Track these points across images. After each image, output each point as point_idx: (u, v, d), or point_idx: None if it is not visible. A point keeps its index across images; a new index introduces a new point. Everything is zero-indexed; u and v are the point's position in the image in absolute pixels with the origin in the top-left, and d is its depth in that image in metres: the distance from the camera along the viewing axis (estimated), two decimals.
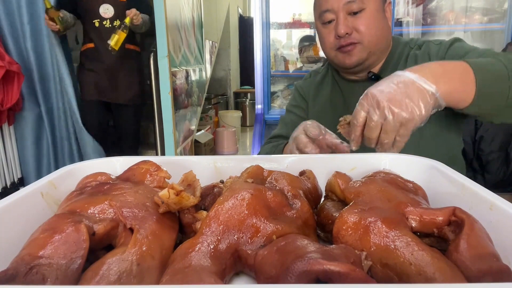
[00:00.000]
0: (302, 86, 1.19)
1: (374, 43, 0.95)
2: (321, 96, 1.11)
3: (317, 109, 1.10)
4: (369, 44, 0.94)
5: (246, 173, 0.51)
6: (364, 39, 0.93)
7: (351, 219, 0.41)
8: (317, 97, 1.12)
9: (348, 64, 0.97)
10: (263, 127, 2.80)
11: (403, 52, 1.01)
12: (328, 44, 0.99)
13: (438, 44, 0.98)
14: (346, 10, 0.93)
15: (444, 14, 2.89)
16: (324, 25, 0.97)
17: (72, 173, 0.56)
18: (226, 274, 0.39)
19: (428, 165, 0.57)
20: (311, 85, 1.16)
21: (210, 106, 5.09)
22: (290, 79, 3.28)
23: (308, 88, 1.16)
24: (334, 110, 1.06)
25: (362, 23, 0.93)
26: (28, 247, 0.36)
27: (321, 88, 1.13)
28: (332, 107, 1.07)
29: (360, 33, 0.93)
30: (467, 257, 0.35)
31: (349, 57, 0.96)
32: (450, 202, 0.45)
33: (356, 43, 0.94)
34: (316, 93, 1.13)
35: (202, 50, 3.43)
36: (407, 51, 1.01)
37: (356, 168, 0.60)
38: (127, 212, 0.41)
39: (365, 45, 0.94)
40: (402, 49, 1.02)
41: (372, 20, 0.93)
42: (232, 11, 5.92)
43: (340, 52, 0.96)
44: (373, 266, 0.37)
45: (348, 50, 0.95)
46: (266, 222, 0.41)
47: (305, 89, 1.17)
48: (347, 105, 1.05)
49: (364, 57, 0.95)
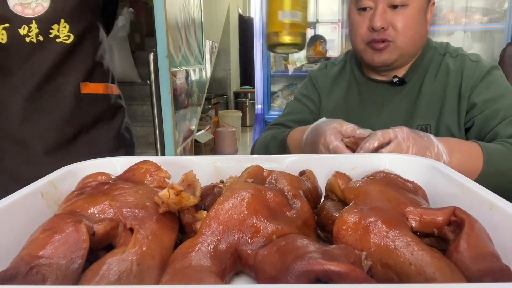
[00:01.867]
0: (316, 76, 1.10)
1: (407, 45, 0.89)
2: (336, 93, 1.05)
3: (331, 106, 1.04)
4: (402, 45, 0.89)
5: (246, 173, 0.51)
6: (399, 38, 0.87)
7: (351, 219, 0.41)
8: (332, 93, 1.05)
9: (376, 62, 0.91)
10: (263, 127, 2.80)
11: (432, 58, 0.96)
12: (359, 35, 0.92)
13: (475, 61, 0.92)
14: (387, 1, 0.86)
15: (444, 14, 2.89)
16: (359, 11, 0.90)
17: (72, 173, 0.55)
18: (226, 274, 0.39)
19: (428, 165, 0.57)
20: (326, 77, 1.08)
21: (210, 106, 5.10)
22: (290, 79, 3.28)
23: (323, 80, 1.08)
24: (348, 110, 1.00)
25: (401, 19, 0.86)
26: (28, 247, 0.36)
27: (337, 83, 1.06)
28: (346, 106, 1.01)
29: (396, 30, 0.87)
30: (467, 257, 0.35)
31: (379, 55, 0.90)
32: (450, 202, 0.45)
33: (389, 41, 0.88)
34: (331, 88, 1.06)
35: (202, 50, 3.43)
36: (438, 58, 0.96)
37: (356, 168, 0.60)
38: (127, 212, 0.41)
39: (398, 45, 0.88)
40: (432, 55, 0.96)
41: (412, 20, 0.87)
42: (232, 11, 5.92)
43: (370, 47, 0.91)
44: (373, 266, 0.37)
45: (380, 48, 0.89)
46: (266, 222, 0.41)
47: (319, 80, 1.09)
48: (363, 106, 0.99)
49: (393, 58, 0.90)
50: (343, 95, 1.03)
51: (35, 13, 0.95)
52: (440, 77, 0.93)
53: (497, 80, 0.90)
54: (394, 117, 0.95)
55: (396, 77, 0.95)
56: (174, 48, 2.42)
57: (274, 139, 0.97)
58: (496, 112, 0.84)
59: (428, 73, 0.94)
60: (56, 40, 0.97)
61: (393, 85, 0.96)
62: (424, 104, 0.92)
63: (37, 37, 0.95)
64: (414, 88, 0.95)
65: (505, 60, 2.11)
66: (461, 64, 0.93)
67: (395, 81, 0.95)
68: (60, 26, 0.97)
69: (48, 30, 0.95)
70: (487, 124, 0.85)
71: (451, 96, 0.91)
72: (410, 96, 0.95)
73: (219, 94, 5.87)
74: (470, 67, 0.91)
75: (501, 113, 0.84)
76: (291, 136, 0.91)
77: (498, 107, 0.85)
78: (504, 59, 2.13)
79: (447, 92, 0.91)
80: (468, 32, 2.93)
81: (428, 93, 0.93)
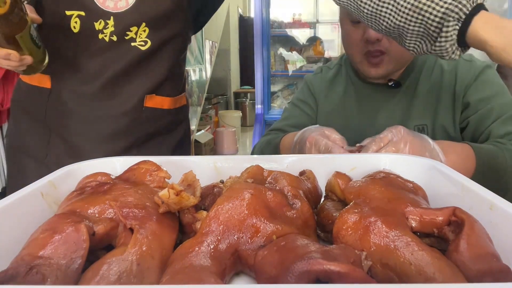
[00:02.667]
0: (312, 81, 1.11)
1: (402, 55, 0.90)
2: (333, 96, 1.05)
3: (328, 110, 1.04)
4: (397, 55, 0.89)
5: (246, 173, 0.51)
6: (393, 49, 0.88)
7: (351, 219, 0.41)
8: (328, 97, 1.06)
9: (373, 75, 0.92)
10: (263, 127, 2.80)
11: (426, 60, 0.96)
12: (354, 46, 0.92)
13: (468, 61, 0.93)
14: None
15: None
16: (354, 23, 0.90)
17: (72, 173, 0.55)
18: (226, 274, 0.39)
19: (428, 165, 0.57)
20: (322, 81, 1.08)
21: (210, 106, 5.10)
22: (290, 79, 3.28)
23: (318, 84, 1.09)
24: (346, 114, 1.01)
25: None
26: (28, 247, 0.36)
27: (333, 87, 1.06)
28: (344, 110, 1.02)
29: (391, 42, 0.87)
30: (467, 257, 0.35)
31: (376, 68, 0.91)
32: (450, 202, 0.45)
33: (383, 54, 0.89)
34: (327, 92, 1.06)
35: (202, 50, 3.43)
36: (431, 59, 0.96)
37: (356, 168, 0.60)
38: (127, 212, 0.41)
39: (393, 56, 0.89)
40: (426, 57, 0.96)
41: None
42: (232, 11, 5.92)
43: (366, 60, 0.91)
44: (373, 266, 0.37)
45: (376, 62, 0.90)
46: (266, 222, 0.41)
47: (315, 85, 1.09)
48: (360, 109, 0.99)
49: (390, 68, 0.91)
50: (340, 98, 1.03)
51: (116, 8, 0.84)
52: (435, 77, 0.94)
53: (490, 79, 0.90)
54: (391, 118, 0.95)
55: (392, 80, 0.96)
56: None
57: (269, 144, 0.98)
58: (490, 112, 0.85)
59: (423, 74, 0.95)
60: (131, 44, 0.86)
61: (389, 87, 0.96)
62: (420, 104, 0.93)
63: (110, 36, 0.84)
64: (409, 89, 0.96)
65: None
66: (455, 64, 0.94)
67: (391, 84, 0.96)
68: (140, 30, 0.85)
69: (125, 31, 0.85)
70: (482, 123, 0.86)
71: (445, 96, 0.92)
72: (406, 97, 0.95)
73: (219, 94, 5.87)
74: (464, 67, 0.92)
75: (494, 113, 0.85)
76: (283, 141, 0.93)
77: (491, 106, 0.85)
78: None
79: (441, 92, 0.92)
80: None
81: (423, 94, 0.94)
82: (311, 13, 3.31)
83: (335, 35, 3.21)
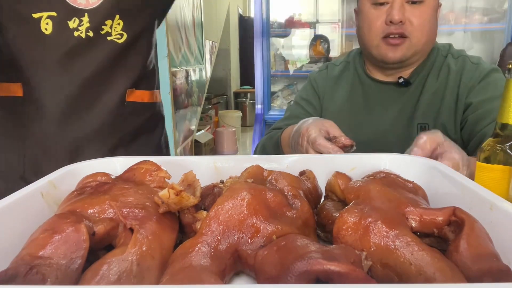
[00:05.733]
0: (316, 78, 1.09)
1: (421, 43, 0.90)
2: (339, 94, 1.04)
3: (334, 107, 1.03)
4: (417, 42, 0.89)
5: (246, 173, 0.51)
6: (414, 34, 0.88)
7: (351, 219, 0.41)
8: (334, 95, 1.04)
9: (390, 57, 0.91)
10: (263, 127, 2.80)
11: (435, 60, 0.97)
12: (374, 29, 0.91)
13: (475, 64, 0.93)
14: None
15: (444, 14, 2.89)
16: (375, 6, 0.90)
17: (72, 173, 0.55)
18: (226, 274, 0.39)
19: (428, 165, 0.57)
20: (327, 79, 1.07)
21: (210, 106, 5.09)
22: (290, 79, 3.28)
23: (323, 82, 1.07)
24: (353, 112, 1.00)
25: (418, 15, 0.87)
26: (28, 247, 0.36)
27: (338, 85, 1.04)
28: (351, 109, 1.01)
29: (413, 25, 0.87)
30: (467, 257, 0.35)
31: (394, 51, 0.90)
32: (450, 202, 0.45)
33: (405, 37, 0.88)
34: (332, 90, 1.05)
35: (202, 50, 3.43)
36: (440, 59, 0.96)
37: (356, 168, 0.60)
38: (127, 212, 0.41)
39: (413, 42, 0.89)
40: (435, 57, 0.97)
41: (428, 16, 0.89)
42: (232, 11, 5.92)
43: (385, 43, 0.90)
44: (373, 266, 0.37)
45: (396, 43, 0.89)
46: (266, 222, 0.41)
47: (319, 83, 1.07)
48: (367, 107, 0.98)
49: (408, 55, 0.90)
50: (346, 96, 1.02)
51: (89, 4, 0.82)
52: (442, 77, 0.94)
53: (495, 82, 0.90)
54: (398, 117, 0.95)
55: (402, 77, 0.95)
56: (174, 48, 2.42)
57: (270, 139, 0.98)
58: (489, 113, 0.84)
59: (431, 73, 0.95)
60: (107, 38, 0.84)
61: (398, 86, 0.96)
62: (425, 103, 0.93)
63: (86, 32, 0.82)
64: (417, 88, 0.95)
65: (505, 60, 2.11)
66: (462, 65, 0.94)
67: (401, 81, 0.95)
68: (114, 23, 0.84)
69: (100, 25, 0.83)
70: (479, 123, 0.85)
71: (449, 96, 0.92)
72: (413, 96, 0.95)
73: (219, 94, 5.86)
74: (470, 69, 0.92)
75: (492, 114, 0.84)
76: (284, 134, 0.93)
77: (491, 107, 0.85)
78: (504, 59, 2.14)
79: (446, 92, 0.92)
80: (468, 32, 2.93)
81: (429, 93, 0.94)
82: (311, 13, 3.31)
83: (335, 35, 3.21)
